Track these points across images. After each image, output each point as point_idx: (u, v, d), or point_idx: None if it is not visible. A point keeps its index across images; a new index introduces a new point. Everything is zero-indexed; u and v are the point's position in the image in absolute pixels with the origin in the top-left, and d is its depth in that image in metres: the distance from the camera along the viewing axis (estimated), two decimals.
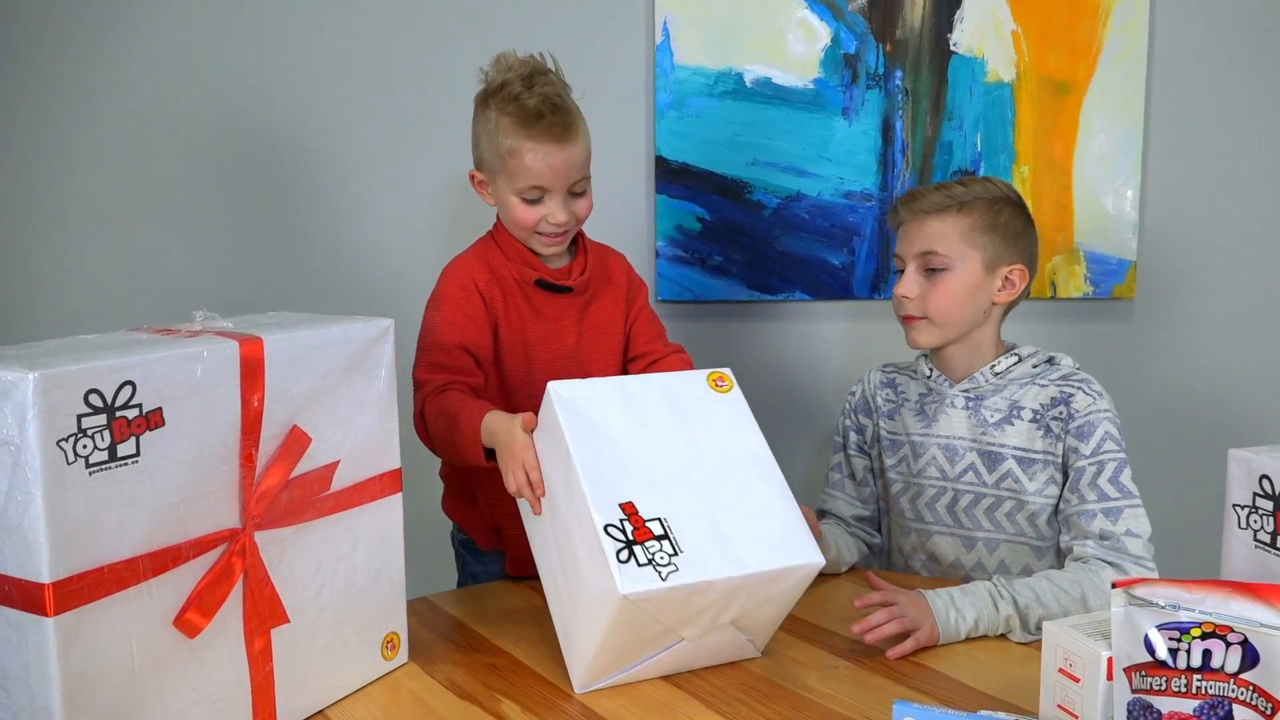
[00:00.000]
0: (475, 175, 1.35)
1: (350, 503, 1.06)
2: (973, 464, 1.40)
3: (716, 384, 1.15)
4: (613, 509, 1.02)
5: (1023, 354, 1.42)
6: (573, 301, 1.37)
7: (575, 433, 1.05)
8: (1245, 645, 0.79)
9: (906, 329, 1.43)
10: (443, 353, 1.28)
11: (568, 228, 1.32)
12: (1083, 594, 1.21)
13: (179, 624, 0.90)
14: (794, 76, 1.81)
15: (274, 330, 0.98)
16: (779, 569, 1.04)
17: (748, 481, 1.10)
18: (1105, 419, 1.33)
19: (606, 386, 1.11)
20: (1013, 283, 1.41)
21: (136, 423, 0.85)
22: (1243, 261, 1.92)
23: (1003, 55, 1.81)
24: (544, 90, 1.26)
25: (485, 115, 1.30)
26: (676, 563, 1.00)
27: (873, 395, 1.53)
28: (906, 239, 1.42)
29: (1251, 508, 0.93)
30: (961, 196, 1.38)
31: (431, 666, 1.15)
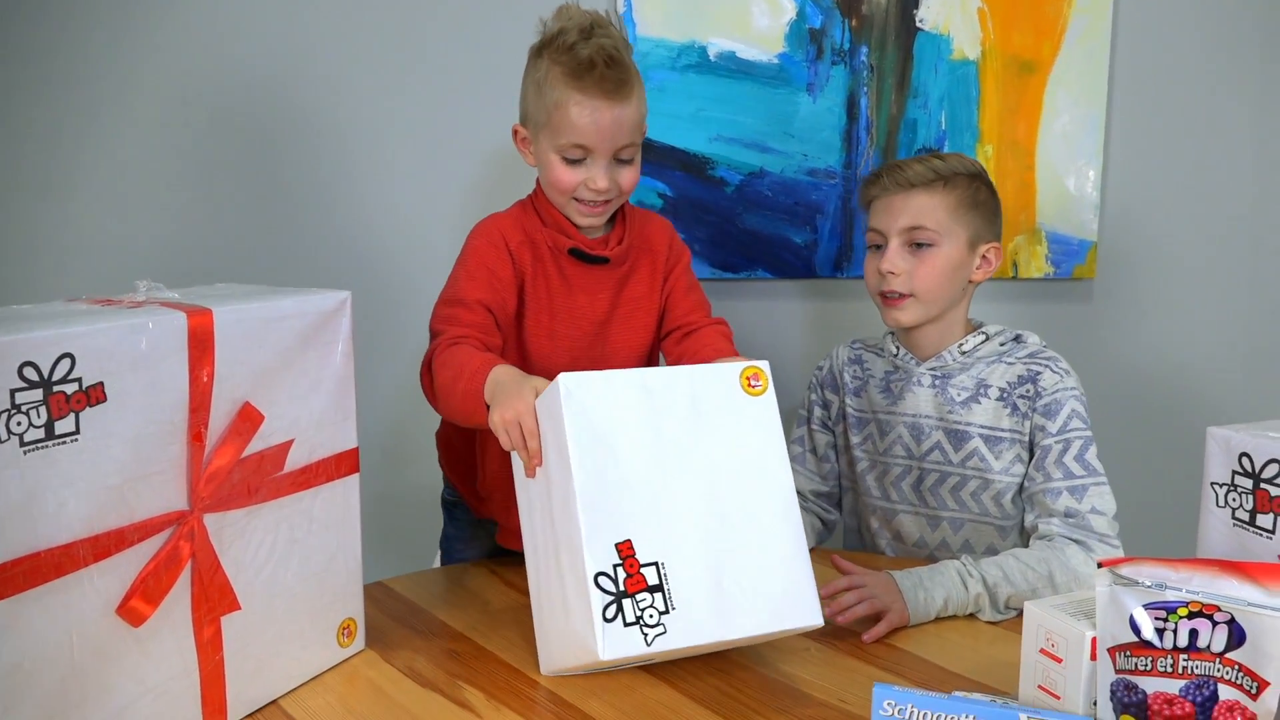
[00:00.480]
0: (519, 130, 1.28)
1: (304, 484, 1.02)
2: (939, 443, 1.39)
3: (750, 383, 1.03)
4: (608, 551, 0.94)
5: (990, 332, 1.41)
6: (609, 274, 1.29)
7: (580, 443, 0.96)
8: (1232, 624, 0.78)
9: (887, 308, 1.39)
10: (463, 307, 1.20)
11: (609, 196, 1.23)
12: (1049, 571, 1.21)
13: (122, 612, 0.85)
14: (758, 51, 1.77)
15: (224, 302, 0.93)
16: (773, 632, 0.99)
17: (762, 517, 1.00)
18: (1072, 397, 1.33)
19: (624, 382, 0.99)
20: (989, 261, 1.41)
21: (76, 398, 0.79)
22: (1202, 243, 1.93)
23: (968, 32, 1.79)
24: (601, 42, 1.17)
25: (537, 65, 1.22)
26: (665, 622, 0.94)
27: (840, 371, 1.51)
28: (888, 213, 1.38)
29: (1230, 486, 0.92)
30: (944, 170, 1.36)
31: (390, 654, 1.11)
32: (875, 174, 1.42)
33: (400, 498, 1.55)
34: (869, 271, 1.42)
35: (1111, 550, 1.25)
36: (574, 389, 0.97)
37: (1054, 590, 1.20)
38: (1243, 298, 1.95)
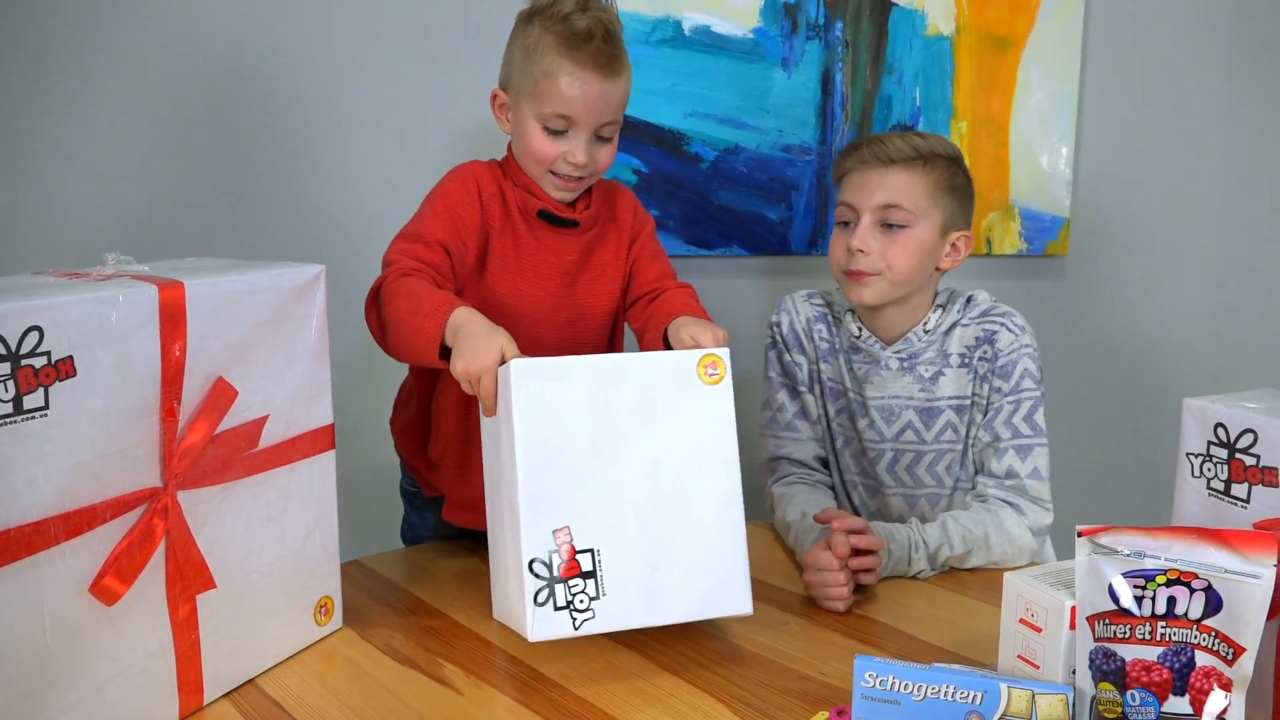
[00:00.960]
0: (498, 95, 1.26)
1: (280, 460, 1.00)
2: (910, 422, 1.38)
3: (707, 372, 1.02)
4: (546, 537, 0.96)
5: (943, 302, 1.39)
6: (577, 237, 1.28)
7: (526, 430, 0.96)
8: (1209, 591, 0.79)
9: (851, 283, 1.35)
10: (422, 244, 1.17)
11: (585, 173, 1.22)
12: (986, 534, 1.27)
13: (95, 591, 0.83)
14: (733, 25, 1.76)
15: (196, 275, 0.91)
16: (699, 619, 1.02)
17: (703, 506, 1.01)
18: (1026, 354, 1.33)
19: (577, 369, 0.99)
20: (959, 250, 1.37)
21: (45, 372, 0.78)
22: (1173, 218, 1.95)
23: (943, 8, 1.79)
24: (599, 15, 1.17)
25: (527, 31, 1.20)
26: (595, 608, 0.97)
27: (805, 331, 1.44)
28: (864, 188, 1.33)
29: (1206, 456, 0.93)
30: (924, 150, 1.32)
31: (368, 631, 1.10)
32: (854, 145, 1.38)
33: (377, 475, 1.54)
34: (835, 247, 1.37)
35: (1043, 513, 1.30)
36: (525, 376, 0.97)
37: (989, 552, 1.27)
38: (1213, 272, 1.98)
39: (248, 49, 1.62)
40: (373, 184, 1.69)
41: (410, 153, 1.70)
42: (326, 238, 1.66)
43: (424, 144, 1.70)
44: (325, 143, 1.67)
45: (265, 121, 1.64)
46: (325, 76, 1.66)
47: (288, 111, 1.65)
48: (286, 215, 1.66)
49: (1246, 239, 1.98)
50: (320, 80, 1.66)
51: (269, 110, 1.64)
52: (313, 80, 1.65)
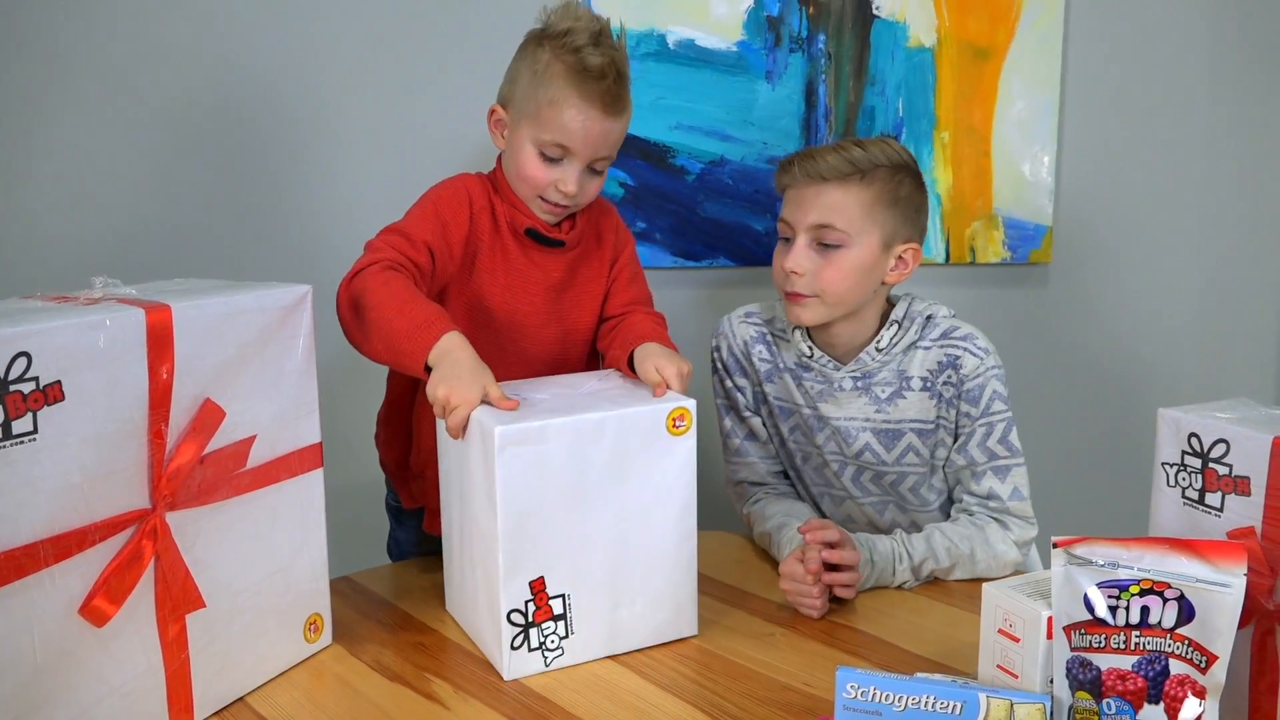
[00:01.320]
0: (496, 111, 1.26)
1: (268, 480, 1.01)
2: (868, 444, 1.35)
3: (675, 424, 1.07)
4: (523, 588, 1.03)
5: (899, 317, 1.34)
6: (563, 255, 1.30)
7: (507, 492, 1.01)
8: (1182, 600, 0.81)
9: (790, 304, 1.31)
10: (408, 242, 1.17)
11: (573, 201, 1.24)
12: (972, 550, 1.27)
13: (85, 612, 0.84)
14: (717, 39, 1.78)
15: (183, 297, 0.92)
16: (654, 645, 1.11)
17: (662, 546, 1.09)
18: (993, 377, 1.30)
19: (557, 430, 1.02)
20: (905, 262, 1.32)
21: (33, 397, 0.79)
22: (1155, 227, 1.97)
23: (924, 19, 1.81)
24: (611, 54, 1.19)
25: (536, 55, 1.21)
26: (565, 645, 1.06)
27: (745, 353, 1.41)
28: (800, 206, 1.28)
29: (1180, 465, 0.94)
30: (862, 163, 1.26)
31: (357, 648, 1.11)
32: (788, 160, 1.31)
33: (364, 492, 1.55)
34: (776, 265, 1.32)
35: (1029, 528, 1.31)
36: (508, 439, 1.00)
37: (974, 567, 1.27)
38: (1196, 279, 2.00)
39: (237, 68, 1.63)
40: (361, 202, 1.70)
41: (398, 170, 1.71)
42: (314, 255, 1.67)
43: (412, 162, 1.71)
44: (313, 161, 1.68)
45: (253, 140, 1.65)
46: (314, 94, 1.67)
47: (276, 130, 1.66)
48: (275, 233, 1.67)
49: (1228, 246, 2.00)
50: (308, 99, 1.67)
51: (257, 129, 1.65)
52: (301, 98, 1.67)
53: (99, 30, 1.57)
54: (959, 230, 1.87)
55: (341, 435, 1.56)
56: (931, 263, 1.88)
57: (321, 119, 1.68)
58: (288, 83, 1.65)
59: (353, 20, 1.66)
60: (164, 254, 1.61)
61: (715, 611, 1.19)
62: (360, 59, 1.67)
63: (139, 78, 1.59)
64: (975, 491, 1.32)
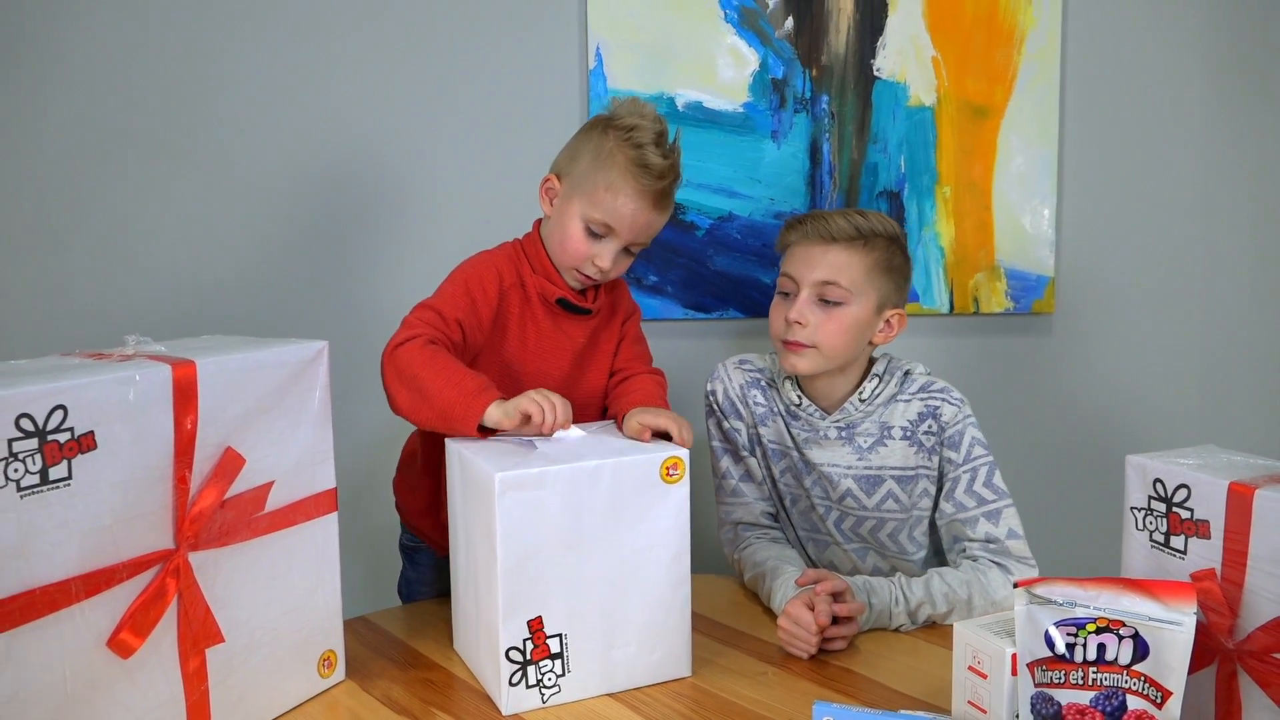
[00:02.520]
0: (551, 181, 1.36)
1: (285, 522, 1.08)
2: (849, 490, 1.41)
3: (669, 472, 1.13)
4: (521, 627, 1.08)
5: (879, 372, 1.42)
6: (587, 322, 1.40)
7: (507, 536, 1.06)
8: (1136, 638, 0.85)
9: (787, 353, 1.39)
10: (441, 319, 1.26)
11: (604, 276, 1.34)
12: (969, 595, 1.30)
13: (112, 645, 0.91)
14: (724, 100, 1.86)
15: (207, 353, 1.00)
16: (648, 684, 1.16)
17: (657, 590, 1.14)
18: (970, 425, 1.38)
19: (555, 478, 1.08)
20: (892, 326, 1.42)
21: (68, 446, 0.86)
22: (1155, 277, 2.00)
23: (924, 80, 1.88)
24: (672, 160, 1.31)
25: (602, 140, 1.31)
26: (561, 684, 1.11)
27: (740, 397, 1.48)
28: (806, 262, 1.38)
29: (1147, 510, 0.98)
30: (866, 230, 1.37)
31: (369, 683, 1.17)
32: (798, 219, 1.42)
33: (381, 534, 1.61)
34: (775, 316, 1.41)
35: (1029, 571, 1.34)
36: (508, 485, 1.06)
37: (970, 612, 1.30)
38: (1197, 329, 2.03)
39: (266, 142, 1.73)
40: (382, 264, 1.79)
41: (420, 234, 1.80)
42: (338, 313, 1.76)
43: (434, 229, 1.80)
44: (337, 224, 1.77)
45: (281, 209, 1.75)
46: (346, 162, 1.76)
47: (301, 200, 1.76)
48: (301, 292, 1.76)
49: (1229, 295, 2.03)
50: (343, 165, 1.77)
51: (286, 199, 1.75)
52: (330, 169, 1.76)
53: (142, 110, 1.68)
54: (962, 281, 1.92)
55: (367, 480, 1.64)
56: (936, 313, 1.93)
57: (345, 186, 1.77)
58: (316, 152, 1.75)
59: (373, 90, 1.76)
60: (199, 312, 1.70)
61: (710, 651, 1.23)
62: (382, 129, 1.77)
63: (174, 151, 1.70)
64: (973, 537, 1.36)
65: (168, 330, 1.12)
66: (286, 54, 1.72)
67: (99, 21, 1.66)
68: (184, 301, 1.71)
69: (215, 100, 1.71)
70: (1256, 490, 0.87)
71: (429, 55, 1.77)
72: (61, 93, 1.67)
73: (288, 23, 1.72)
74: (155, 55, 1.69)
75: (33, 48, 1.64)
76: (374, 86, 1.76)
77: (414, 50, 1.76)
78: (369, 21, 1.75)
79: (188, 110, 1.70)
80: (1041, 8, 1.89)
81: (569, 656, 1.11)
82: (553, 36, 1.82)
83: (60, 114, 1.67)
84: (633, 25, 1.81)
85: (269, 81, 1.72)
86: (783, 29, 1.85)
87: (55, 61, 1.66)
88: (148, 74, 1.69)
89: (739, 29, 1.84)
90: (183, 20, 1.68)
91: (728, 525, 1.49)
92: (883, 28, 1.87)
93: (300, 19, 1.72)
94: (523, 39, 1.80)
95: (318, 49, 1.74)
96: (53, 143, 1.67)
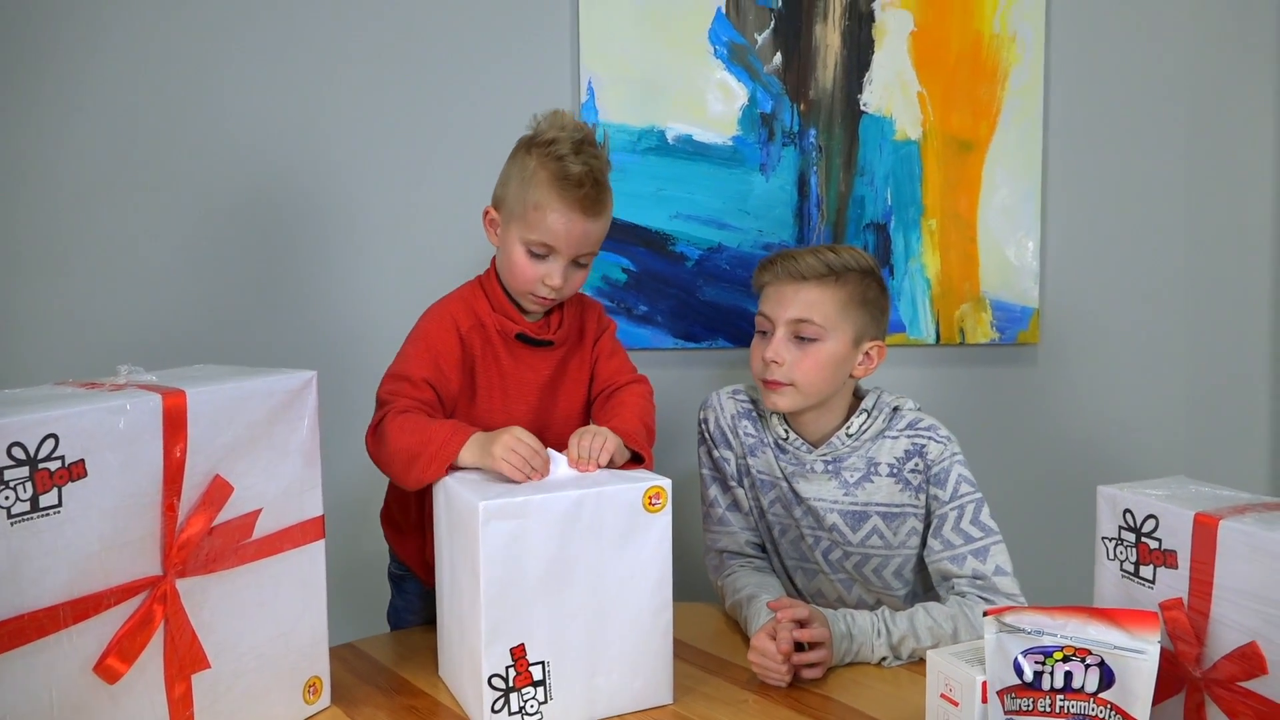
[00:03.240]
0: (490, 212, 1.37)
1: (273, 550, 1.10)
2: (835, 524, 1.42)
3: (651, 502, 1.14)
4: (504, 655, 1.09)
5: (869, 407, 1.44)
6: (552, 354, 1.40)
7: (490, 564, 1.08)
8: (1102, 666, 0.86)
9: (768, 391, 1.41)
10: (408, 383, 1.29)
11: (558, 295, 1.34)
12: (954, 630, 1.30)
13: (99, 670, 0.93)
14: (714, 134, 1.89)
15: (196, 383, 1.02)
16: (630, 711, 1.17)
17: (639, 618, 1.15)
18: (957, 462, 1.38)
19: (538, 507, 1.10)
20: (871, 358, 1.43)
21: (59, 474, 0.88)
22: (1140, 307, 2.03)
23: (909, 115, 1.91)
24: (590, 162, 1.29)
25: (524, 162, 1.32)
26: (544, 710, 1.12)
27: (731, 427, 1.50)
28: (780, 302, 1.40)
29: (1117, 540, 1.00)
30: (836, 265, 1.39)
31: (354, 709, 1.18)
32: (769, 261, 1.44)
33: (372, 561, 1.63)
34: (754, 355, 1.43)
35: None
36: (491, 514, 1.07)
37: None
38: (1181, 358, 2.05)
39: (258, 173, 1.76)
40: (376, 296, 1.82)
41: (413, 266, 1.82)
42: (329, 343, 1.78)
43: (429, 260, 1.82)
44: (329, 254, 1.80)
45: (271, 239, 1.78)
46: (331, 192, 1.80)
47: (293, 229, 1.79)
48: (292, 322, 1.79)
49: (1213, 325, 2.05)
50: (327, 196, 1.80)
51: (277, 229, 1.78)
52: (320, 195, 1.79)
53: (139, 142, 1.72)
54: (948, 312, 1.95)
55: (359, 508, 1.65)
56: (922, 343, 1.95)
57: (337, 216, 1.80)
58: (308, 181, 1.78)
59: (366, 120, 1.79)
60: (192, 341, 1.73)
61: (692, 678, 1.25)
62: (375, 159, 1.80)
63: (173, 184, 1.73)
64: (961, 573, 1.35)
65: (163, 360, 1.14)
66: (274, 82, 1.76)
67: (92, 52, 1.69)
68: (178, 331, 1.74)
69: (206, 135, 1.74)
70: (1221, 521, 0.89)
71: (423, 87, 1.80)
72: (58, 123, 1.70)
73: (279, 53, 1.76)
74: (148, 85, 1.72)
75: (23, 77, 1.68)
76: (368, 119, 1.80)
77: (408, 83, 1.80)
78: (362, 57, 1.78)
79: (181, 143, 1.73)
80: (1025, 45, 1.92)
81: (551, 684, 1.12)
82: (546, 70, 1.85)
83: (56, 144, 1.70)
84: (624, 59, 1.85)
85: (258, 107, 1.76)
86: (771, 64, 1.89)
87: (51, 96, 1.69)
88: (144, 104, 1.72)
89: (728, 64, 1.88)
90: (177, 50, 1.72)
91: (713, 553, 1.51)
92: (869, 64, 1.90)
93: (294, 50, 1.76)
94: (516, 72, 1.83)
95: (309, 80, 1.77)
96: (46, 173, 1.70)
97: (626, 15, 1.84)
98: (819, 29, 1.89)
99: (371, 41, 1.78)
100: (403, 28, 1.80)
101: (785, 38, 1.88)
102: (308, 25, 1.76)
